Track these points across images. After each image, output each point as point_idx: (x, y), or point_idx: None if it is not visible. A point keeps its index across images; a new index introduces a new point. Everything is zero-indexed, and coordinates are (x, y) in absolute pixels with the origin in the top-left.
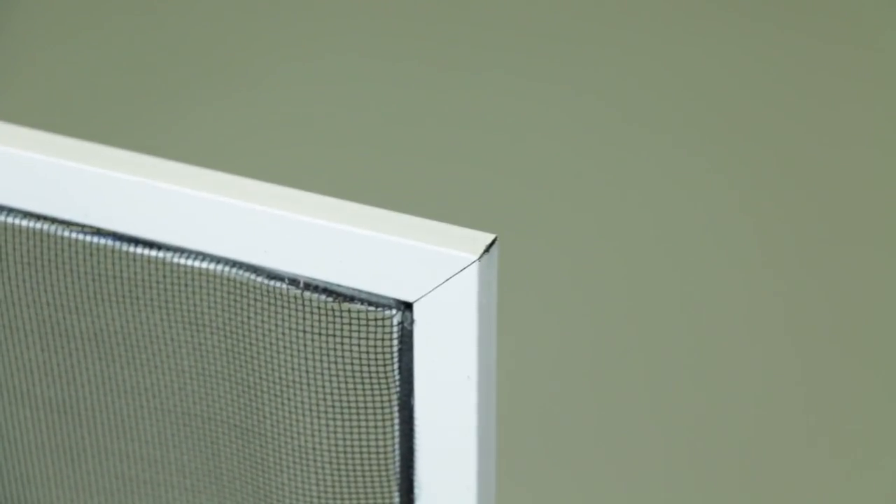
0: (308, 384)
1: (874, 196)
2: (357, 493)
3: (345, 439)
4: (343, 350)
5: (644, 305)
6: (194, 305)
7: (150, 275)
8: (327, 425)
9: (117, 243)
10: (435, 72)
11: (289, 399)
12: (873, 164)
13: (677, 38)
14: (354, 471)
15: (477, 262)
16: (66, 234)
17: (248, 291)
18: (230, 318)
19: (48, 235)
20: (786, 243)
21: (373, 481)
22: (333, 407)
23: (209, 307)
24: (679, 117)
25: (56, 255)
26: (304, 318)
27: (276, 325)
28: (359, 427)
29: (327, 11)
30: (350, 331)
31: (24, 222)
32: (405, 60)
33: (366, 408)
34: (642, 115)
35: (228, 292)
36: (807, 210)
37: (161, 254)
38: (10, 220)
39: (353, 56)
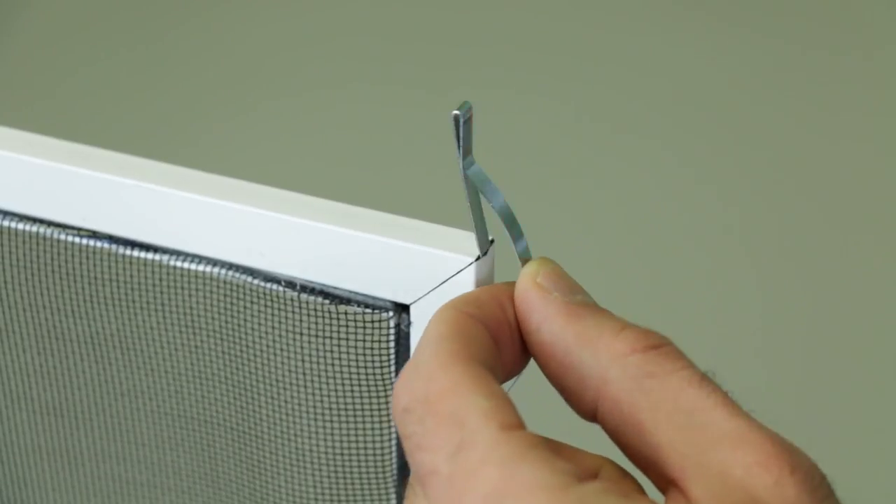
0: (305, 386)
1: (872, 198)
2: (354, 495)
3: (342, 441)
4: (340, 352)
5: (643, 307)
6: (191, 308)
7: (146, 277)
8: (324, 427)
9: (113, 246)
10: (433, 77)
11: (285, 401)
12: (872, 166)
13: (669, 44)
14: (352, 473)
15: (474, 264)
16: (63, 237)
17: (244, 294)
18: (227, 321)
19: (44, 238)
20: (783, 248)
21: (370, 483)
22: (330, 409)
23: (205, 310)
24: (673, 121)
25: (52, 258)
26: (300, 321)
27: (273, 328)
28: (356, 429)
29: (330, 20)
30: (347, 333)
31: (21, 225)
32: (405, 67)
33: (363, 410)
34: (639, 117)
35: (225, 295)
36: (803, 212)
37: (157, 256)
38: (5, 223)
39: (353, 60)
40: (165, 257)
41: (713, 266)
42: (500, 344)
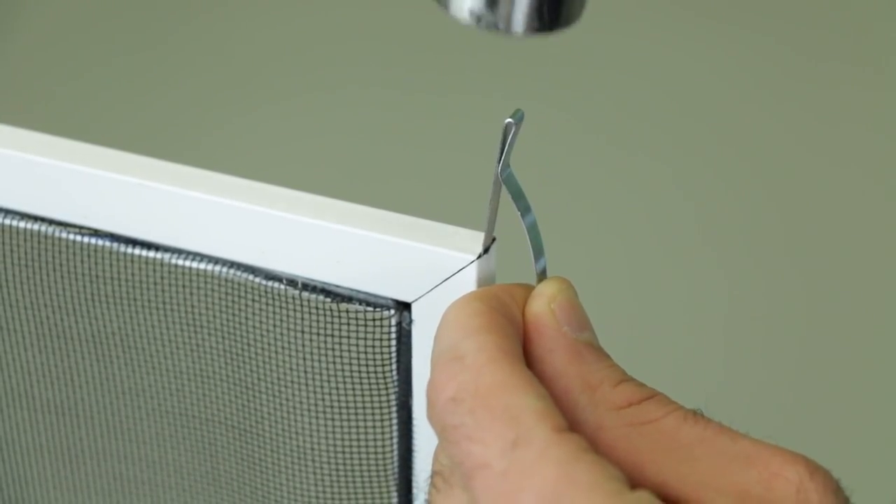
0: (306, 384)
1: (869, 200)
2: (356, 493)
3: (343, 439)
4: (341, 350)
5: (644, 307)
6: (192, 306)
7: (147, 276)
8: (325, 425)
9: (115, 244)
10: (435, 78)
11: (287, 399)
12: (870, 168)
13: (670, 45)
14: (353, 471)
15: (476, 262)
16: (64, 235)
17: (245, 292)
18: (228, 319)
19: (46, 237)
20: (781, 253)
21: (371, 481)
22: (332, 407)
23: (207, 308)
24: (673, 123)
25: (54, 256)
26: (301, 319)
27: (274, 326)
28: (357, 427)
29: (332, 21)
30: (348, 331)
31: (22, 224)
32: (407, 67)
33: (364, 408)
34: (639, 117)
35: (226, 293)
36: (801, 215)
37: (159, 255)
38: (7, 221)
39: (355, 60)
40: (167, 255)
41: (712, 270)
42: None
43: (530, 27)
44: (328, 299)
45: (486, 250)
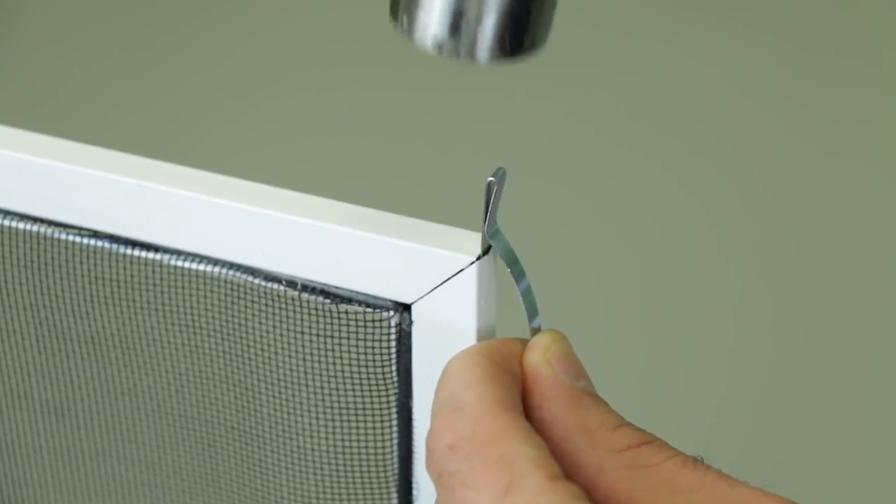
0: (306, 385)
1: (870, 200)
2: (356, 493)
3: (343, 440)
4: (341, 351)
5: (645, 308)
6: (191, 307)
7: (147, 277)
8: (325, 426)
9: (114, 245)
10: (434, 79)
11: (287, 400)
12: (870, 168)
13: (669, 43)
14: (353, 472)
15: (476, 264)
16: (63, 236)
17: (245, 293)
18: (227, 320)
19: (45, 238)
20: (783, 251)
21: (371, 482)
22: (332, 408)
23: (206, 309)
24: (675, 122)
25: (53, 257)
26: (301, 320)
27: (274, 327)
28: (357, 428)
29: (332, 21)
30: (348, 332)
31: (21, 225)
32: (406, 67)
33: (364, 409)
34: (639, 118)
35: (226, 294)
36: (804, 214)
37: (158, 256)
38: (6, 222)
39: (354, 60)
40: (166, 257)
41: (716, 272)
42: None
43: (493, 55)
44: (328, 300)
45: (485, 251)
